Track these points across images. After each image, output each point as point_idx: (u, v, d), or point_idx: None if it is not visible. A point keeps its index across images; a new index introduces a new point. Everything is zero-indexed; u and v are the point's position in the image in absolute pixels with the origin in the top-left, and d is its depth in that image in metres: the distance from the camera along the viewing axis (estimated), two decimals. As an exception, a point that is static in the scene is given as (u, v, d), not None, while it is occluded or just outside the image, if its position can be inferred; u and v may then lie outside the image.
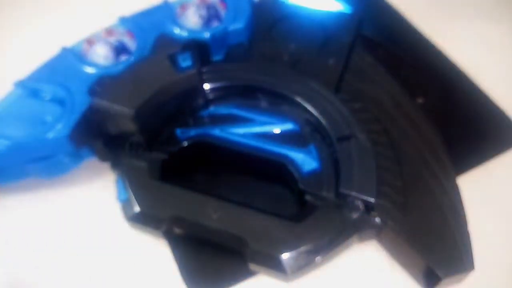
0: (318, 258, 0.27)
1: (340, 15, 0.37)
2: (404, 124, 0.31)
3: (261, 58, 0.34)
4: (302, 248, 0.27)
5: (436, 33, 0.40)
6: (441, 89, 0.36)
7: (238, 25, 0.34)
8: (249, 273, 0.29)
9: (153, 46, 0.32)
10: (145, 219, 0.29)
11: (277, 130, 0.31)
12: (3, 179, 0.31)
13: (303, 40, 0.35)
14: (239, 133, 0.31)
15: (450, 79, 0.37)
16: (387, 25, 0.40)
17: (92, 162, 0.32)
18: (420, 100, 0.34)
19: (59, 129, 0.29)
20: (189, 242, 0.29)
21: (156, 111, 0.30)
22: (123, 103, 0.29)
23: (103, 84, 0.30)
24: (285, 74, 0.32)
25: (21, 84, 0.31)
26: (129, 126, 0.30)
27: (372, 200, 0.27)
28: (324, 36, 0.35)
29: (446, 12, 0.43)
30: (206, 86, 0.32)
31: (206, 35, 0.33)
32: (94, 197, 0.32)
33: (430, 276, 0.27)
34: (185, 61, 0.31)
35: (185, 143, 0.31)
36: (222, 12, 0.34)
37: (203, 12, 0.34)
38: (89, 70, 0.31)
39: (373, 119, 0.31)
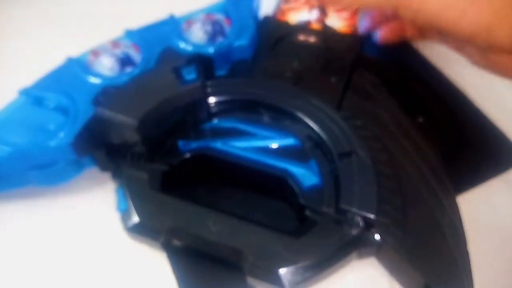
0: (316, 274, 0.27)
1: (342, 34, 0.37)
2: (404, 142, 0.31)
3: (264, 75, 0.34)
4: (301, 263, 0.27)
5: (436, 54, 0.40)
6: (441, 109, 0.36)
7: (242, 42, 0.34)
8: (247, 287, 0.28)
9: (158, 59, 0.33)
10: (144, 230, 0.29)
11: (278, 145, 0.31)
12: (4, 185, 0.31)
13: (306, 58, 0.35)
14: (240, 146, 0.31)
15: (450, 100, 0.37)
16: (388, 45, 0.41)
17: (93, 171, 0.32)
18: (420, 119, 0.34)
19: (61, 137, 0.29)
20: (187, 255, 0.29)
21: (159, 123, 0.31)
22: (126, 113, 0.29)
23: (107, 94, 0.31)
24: (288, 90, 0.32)
25: (25, 92, 0.31)
26: (132, 136, 0.30)
27: (372, 216, 0.27)
28: (326, 55, 0.35)
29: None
30: (210, 100, 0.32)
31: (211, 50, 0.34)
32: (94, 206, 0.32)
33: (429, 295, 0.27)
34: (190, 74, 0.31)
35: (187, 155, 0.31)
36: (227, 28, 0.35)
37: (208, 28, 0.35)
38: (94, 80, 0.32)
39: (374, 137, 0.31)
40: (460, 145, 0.34)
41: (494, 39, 0.29)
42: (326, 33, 0.34)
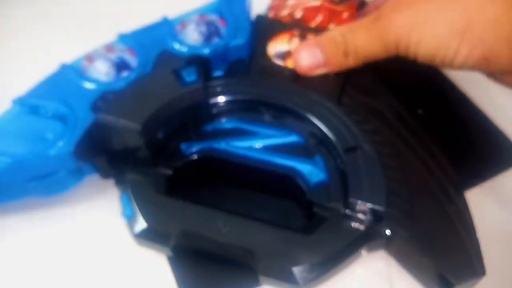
0: (329, 270, 0.27)
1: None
2: (406, 134, 0.31)
3: (262, 74, 0.34)
4: (314, 260, 0.27)
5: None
6: (441, 111, 0.37)
7: (238, 41, 0.34)
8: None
9: (155, 62, 0.32)
10: (152, 235, 0.28)
11: (282, 142, 0.31)
12: (3, 198, 0.30)
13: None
14: (245, 146, 0.31)
15: (450, 100, 0.37)
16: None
17: (93, 179, 0.32)
18: (420, 112, 0.35)
19: (60, 146, 0.28)
20: (198, 258, 0.29)
21: (162, 126, 0.30)
22: (129, 118, 0.29)
23: (107, 99, 0.30)
24: (289, 88, 0.32)
25: (20, 101, 0.30)
26: (135, 141, 0.29)
27: (381, 208, 0.28)
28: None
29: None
30: (212, 100, 0.32)
31: (206, 51, 0.33)
32: (96, 214, 0.31)
33: (441, 283, 0.27)
34: (190, 76, 0.31)
35: (190, 158, 0.31)
36: (222, 28, 0.35)
37: (203, 28, 0.34)
38: (90, 86, 0.31)
39: (376, 130, 0.31)
40: (460, 145, 0.35)
41: (494, 66, 0.29)
42: (322, 30, 0.34)
